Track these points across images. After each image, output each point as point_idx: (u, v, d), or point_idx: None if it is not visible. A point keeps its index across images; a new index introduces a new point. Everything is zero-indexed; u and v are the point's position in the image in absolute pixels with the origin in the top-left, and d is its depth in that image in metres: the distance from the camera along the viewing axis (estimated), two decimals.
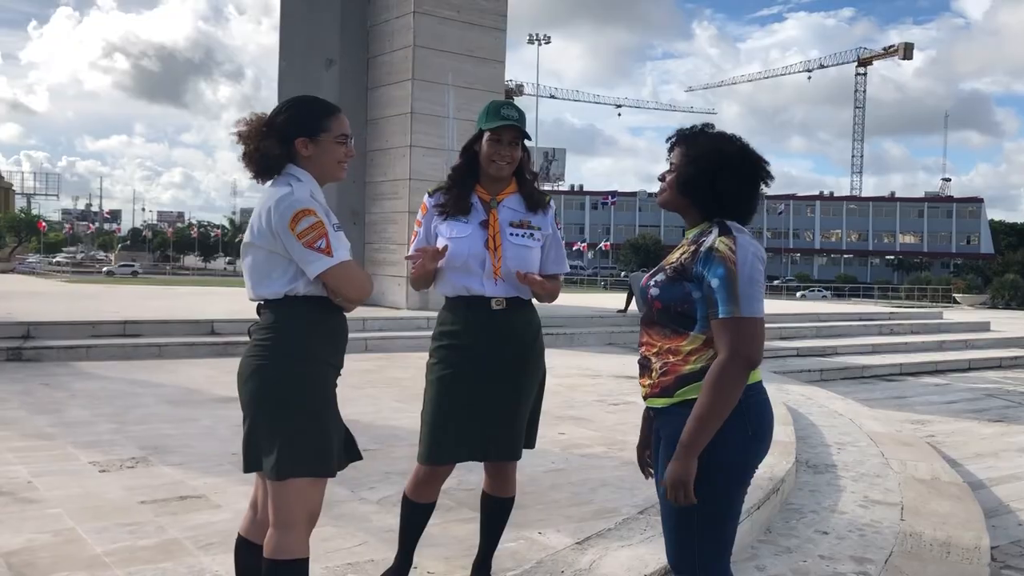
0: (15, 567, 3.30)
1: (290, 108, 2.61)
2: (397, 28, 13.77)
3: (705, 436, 2.32)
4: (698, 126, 2.59)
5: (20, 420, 6.06)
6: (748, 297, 2.32)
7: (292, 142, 2.51)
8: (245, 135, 2.52)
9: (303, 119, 2.55)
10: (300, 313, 2.49)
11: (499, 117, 3.04)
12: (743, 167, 2.51)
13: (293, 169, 2.52)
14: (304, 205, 2.44)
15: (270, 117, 2.59)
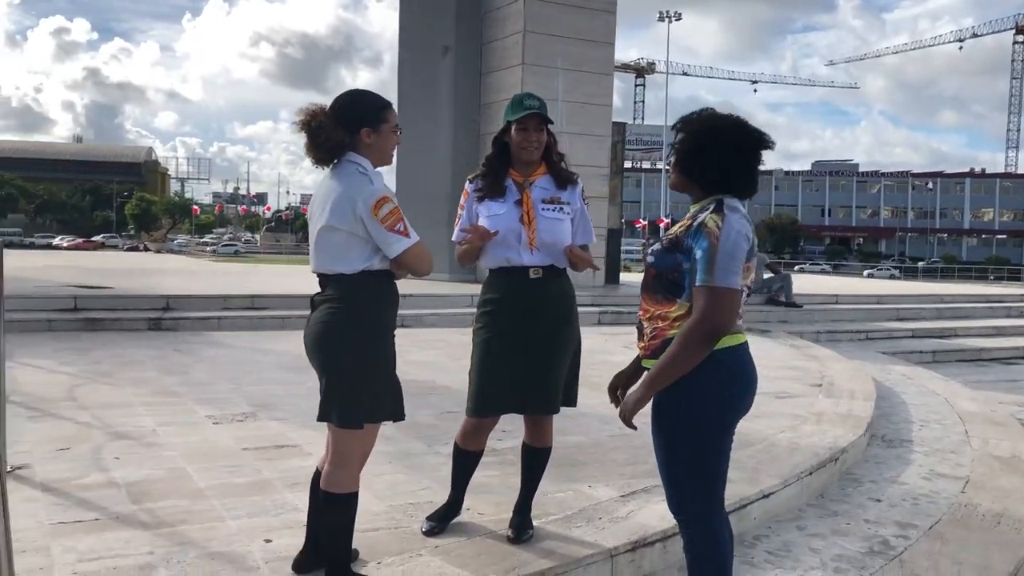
0: (133, 495, 3.93)
1: (355, 101, 3.00)
2: (509, 14, 14.19)
3: (663, 380, 2.62)
4: (698, 111, 2.84)
5: (152, 380, 6.86)
6: (724, 269, 2.58)
7: (358, 132, 2.92)
8: (312, 125, 2.91)
9: (367, 111, 2.94)
10: (370, 284, 2.91)
11: (523, 107, 3.41)
12: (737, 138, 2.76)
13: (355, 157, 2.92)
14: (384, 193, 2.85)
15: (334, 109, 2.98)
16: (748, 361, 2.79)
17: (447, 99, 14.99)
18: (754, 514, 4.31)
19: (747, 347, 2.80)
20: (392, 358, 3.00)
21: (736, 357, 2.74)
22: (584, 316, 10.89)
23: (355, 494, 2.96)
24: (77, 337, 9.13)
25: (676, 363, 2.58)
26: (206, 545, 3.35)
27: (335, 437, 2.90)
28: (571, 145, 14.15)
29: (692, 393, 2.66)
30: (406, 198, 16.65)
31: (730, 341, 2.71)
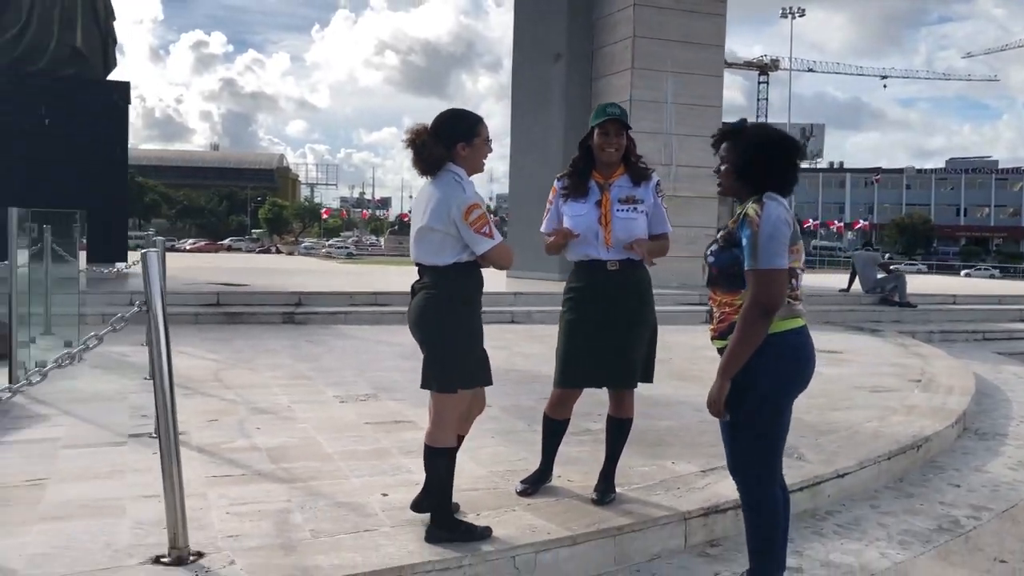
0: (272, 456, 4.59)
1: (451, 119, 3.53)
2: (619, 20, 14.57)
3: (734, 364, 3.01)
4: (736, 123, 3.24)
5: (287, 365, 7.63)
6: (767, 252, 2.96)
7: (454, 146, 3.44)
8: (417, 142, 3.46)
9: (462, 128, 3.47)
10: (460, 274, 3.43)
11: (604, 114, 3.87)
12: (785, 146, 3.16)
13: (452, 167, 3.44)
14: (474, 200, 3.37)
15: (434, 127, 3.51)
16: (803, 343, 3.14)
17: (559, 103, 15.48)
18: (828, 491, 4.61)
19: (804, 330, 3.15)
20: (479, 334, 3.50)
21: (791, 339, 3.09)
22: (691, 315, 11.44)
23: (452, 449, 3.48)
24: (220, 329, 10.09)
25: (741, 346, 2.96)
26: (333, 496, 3.95)
27: (434, 400, 3.43)
28: (680, 147, 14.44)
29: (752, 370, 3.03)
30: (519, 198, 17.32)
31: (785, 325, 3.08)
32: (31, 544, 3.26)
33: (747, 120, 3.24)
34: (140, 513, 3.61)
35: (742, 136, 3.19)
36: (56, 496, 3.86)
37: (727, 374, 3.03)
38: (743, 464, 3.21)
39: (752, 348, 3.00)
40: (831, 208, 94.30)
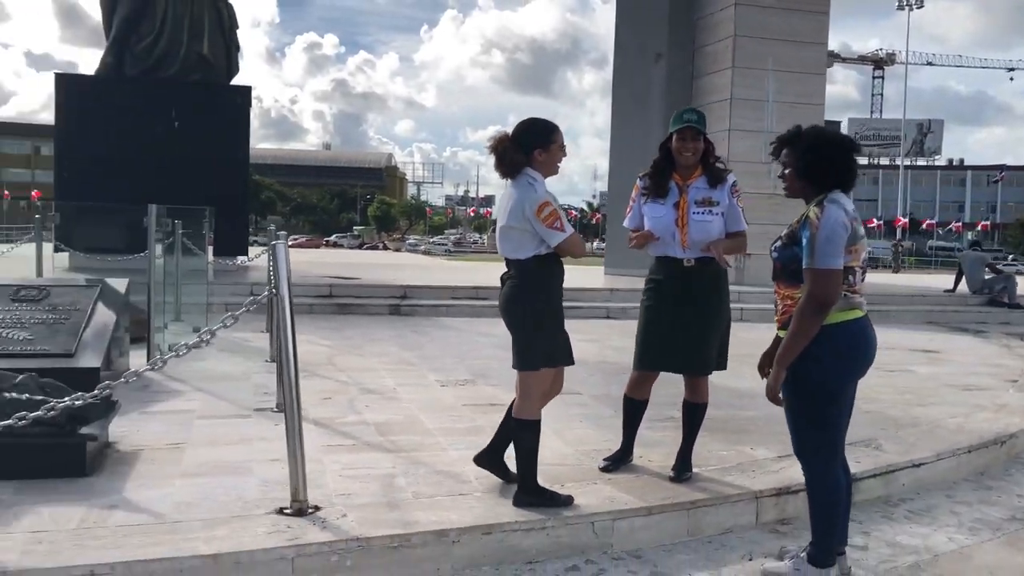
0: (379, 430, 5.06)
1: (529, 128, 3.91)
2: (720, 20, 14.65)
3: (790, 354, 3.28)
4: (792, 129, 3.49)
5: (392, 352, 8.16)
6: (823, 253, 3.21)
7: (532, 152, 3.82)
8: (499, 149, 3.85)
9: (538, 135, 3.85)
10: (541, 265, 3.81)
11: (682, 120, 4.17)
12: (845, 145, 3.41)
13: (529, 171, 3.82)
14: (545, 199, 3.75)
15: (514, 135, 3.90)
16: (860, 333, 3.37)
17: (659, 102, 15.65)
18: (902, 480, 4.78)
19: (861, 321, 3.38)
20: (560, 318, 3.86)
21: (848, 329, 3.33)
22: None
23: (537, 421, 3.85)
24: (332, 318, 10.75)
25: (796, 337, 3.24)
26: (432, 465, 4.38)
27: (520, 377, 3.82)
28: None
29: (809, 359, 3.29)
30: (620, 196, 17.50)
31: (842, 316, 3.33)
32: (175, 495, 3.79)
33: (802, 126, 3.48)
34: (265, 473, 4.12)
35: (800, 140, 3.44)
36: (193, 458, 4.41)
37: (783, 363, 3.30)
38: (805, 447, 3.48)
39: (806, 340, 3.26)
40: (950, 207, 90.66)
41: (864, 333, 3.40)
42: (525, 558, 3.57)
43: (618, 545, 3.76)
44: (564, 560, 3.61)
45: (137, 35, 13.11)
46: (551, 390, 4.00)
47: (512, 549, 3.57)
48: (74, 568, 2.97)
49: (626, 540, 3.78)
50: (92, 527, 3.36)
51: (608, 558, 3.67)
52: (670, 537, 3.89)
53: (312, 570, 3.21)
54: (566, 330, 3.94)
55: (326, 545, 3.28)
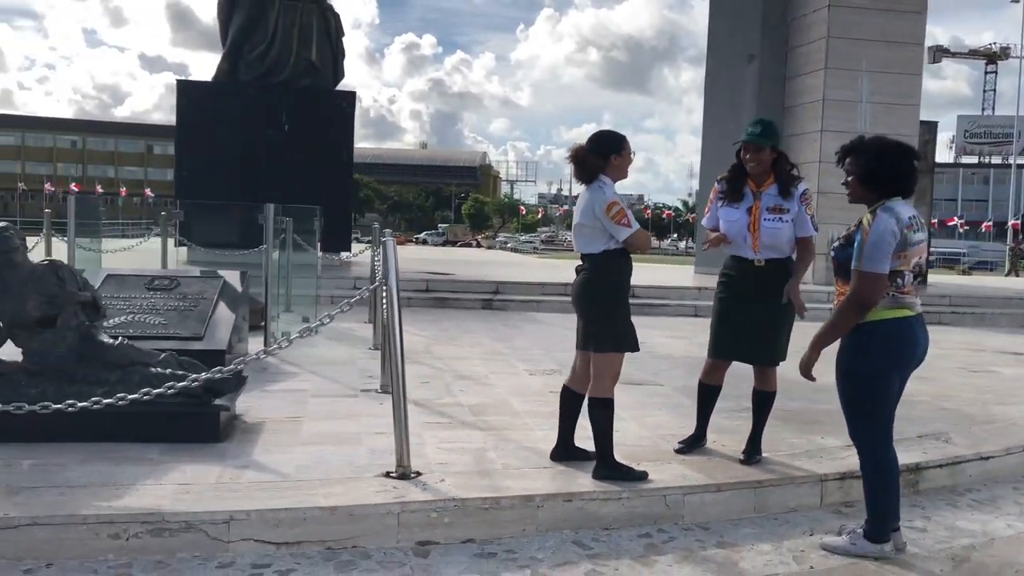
0: (473, 411, 5.54)
1: (606, 137, 4.31)
2: (814, 21, 14.67)
3: (825, 341, 3.61)
4: (855, 139, 3.79)
5: (485, 343, 8.65)
6: (870, 258, 3.51)
7: (608, 157, 4.23)
8: (579, 156, 4.27)
9: (613, 143, 4.26)
10: (610, 259, 4.22)
11: (745, 135, 4.50)
12: (907, 154, 3.70)
13: (602, 177, 4.23)
14: (613, 199, 4.16)
15: (591, 143, 4.30)
16: (908, 330, 3.65)
17: (751, 103, 15.75)
18: (969, 471, 4.99)
19: (910, 320, 3.66)
20: (626, 308, 4.25)
21: (895, 326, 3.63)
22: None
23: (611, 400, 4.24)
24: (429, 311, 11.33)
25: (833, 328, 3.59)
26: (520, 442, 4.82)
27: (594, 359, 4.23)
28: None
29: (858, 351, 3.62)
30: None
31: (890, 314, 3.63)
32: (296, 459, 4.33)
33: (864, 136, 3.78)
34: (373, 444, 4.63)
35: (864, 149, 3.74)
36: (310, 429, 4.96)
37: (817, 347, 3.64)
38: (858, 434, 3.79)
39: (841, 332, 3.61)
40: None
41: (912, 331, 3.68)
42: (602, 524, 3.97)
43: (688, 517, 4.12)
44: (638, 528, 3.99)
45: (250, 43, 13.96)
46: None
47: (590, 516, 3.98)
48: (217, 513, 3.52)
49: (696, 513, 4.15)
50: (228, 482, 3.92)
51: (678, 528, 4.05)
52: (737, 513, 4.23)
53: (414, 524, 3.69)
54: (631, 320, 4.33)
55: (427, 503, 3.75)
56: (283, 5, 13.84)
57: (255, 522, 3.52)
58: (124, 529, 3.43)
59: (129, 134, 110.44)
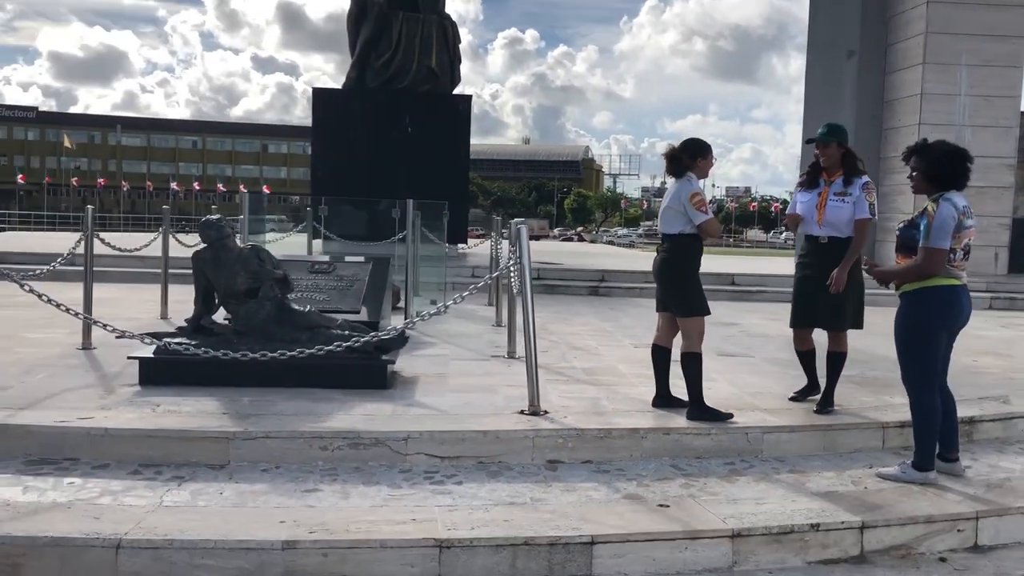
0: (585, 372, 6.57)
1: (695, 143, 5.29)
2: (912, 18, 15.07)
3: (885, 278, 4.54)
4: (920, 142, 4.64)
5: (593, 323, 9.69)
6: (935, 237, 4.37)
7: (695, 158, 5.20)
8: (674, 155, 5.25)
9: (700, 148, 5.25)
10: (685, 240, 5.19)
11: (816, 135, 5.37)
12: (963, 157, 4.54)
13: (689, 173, 5.19)
14: (696, 190, 5.13)
15: (683, 147, 5.29)
16: (955, 296, 4.51)
17: (850, 97, 16.23)
18: (1021, 426, 5.73)
19: (957, 288, 4.51)
20: (698, 280, 5.21)
21: (947, 291, 4.48)
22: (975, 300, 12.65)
23: (699, 355, 5.20)
24: (540, 297, 12.25)
25: (896, 274, 4.53)
26: (627, 394, 5.83)
27: (680, 324, 5.22)
28: (973, 138, 14.70)
29: (916, 307, 4.50)
30: None
31: (944, 281, 4.48)
32: (448, 401, 5.45)
33: (928, 139, 4.64)
34: (507, 393, 5.71)
35: (928, 151, 4.59)
36: (454, 381, 6.09)
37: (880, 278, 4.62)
38: (907, 375, 4.65)
39: (899, 280, 4.51)
40: None
41: (959, 297, 4.53)
42: (694, 454, 4.94)
43: (766, 451, 5.05)
44: (724, 458, 4.94)
45: (376, 52, 15.28)
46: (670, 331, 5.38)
47: (685, 447, 4.95)
48: (398, 432, 4.66)
49: (773, 448, 5.06)
50: (401, 413, 5.06)
51: (758, 460, 4.97)
52: (809, 450, 5.13)
53: (545, 447, 4.75)
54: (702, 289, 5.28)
55: (554, 432, 4.81)
56: (406, 17, 15.12)
57: (426, 440, 4.65)
58: (330, 443, 4.61)
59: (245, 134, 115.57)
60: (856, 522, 4.08)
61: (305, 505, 4.00)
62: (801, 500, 4.33)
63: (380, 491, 4.23)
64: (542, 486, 4.39)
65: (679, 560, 3.83)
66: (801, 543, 3.98)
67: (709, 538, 3.88)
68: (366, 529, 3.72)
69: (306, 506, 3.99)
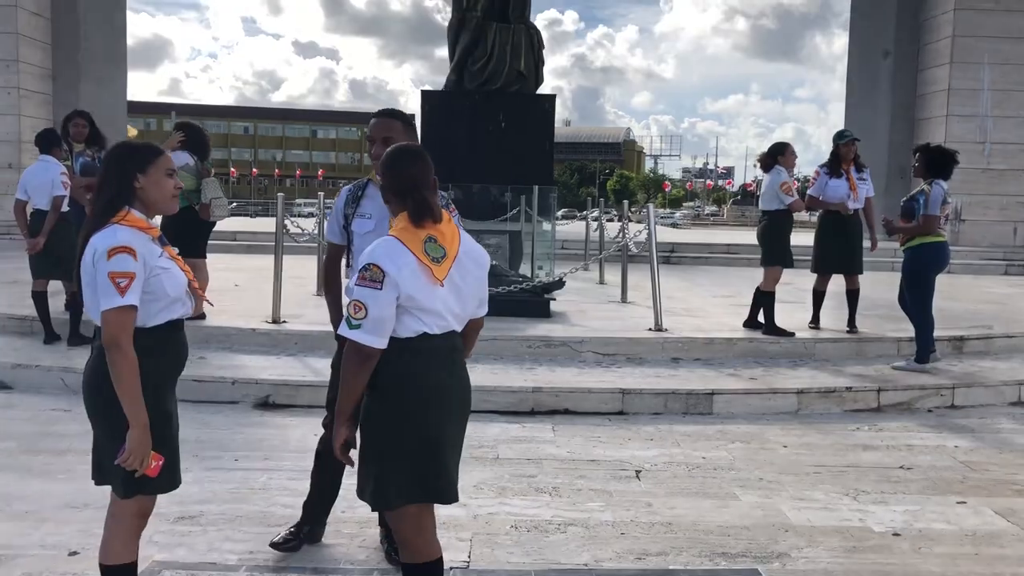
0: (685, 310, 9.04)
1: (779, 145, 7.72)
2: (941, 23, 17.20)
3: (896, 231, 6.93)
4: (923, 144, 7.07)
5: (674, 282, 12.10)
6: (932, 208, 6.79)
7: (776, 157, 7.63)
8: (763, 158, 7.69)
9: (780, 148, 7.67)
10: (777, 215, 7.65)
11: (843, 137, 7.81)
12: (947, 156, 6.96)
13: (777, 166, 7.62)
14: (784, 180, 7.57)
15: (770, 149, 7.73)
16: (942, 248, 6.93)
17: (886, 93, 18.42)
18: (999, 344, 8.10)
19: (944, 242, 6.93)
20: (786, 241, 7.65)
21: (938, 246, 6.90)
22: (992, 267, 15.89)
23: (773, 293, 7.64)
24: None
25: (903, 230, 6.90)
26: (717, 321, 8.30)
27: (765, 269, 7.64)
28: (995, 127, 16.84)
29: (918, 258, 6.91)
30: None
31: (934, 239, 6.90)
32: (596, 324, 7.97)
33: (930, 143, 7.07)
34: (632, 321, 8.23)
35: (927, 151, 7.01)
36: (592, 314, 8.63)
37: (889, 231, 6.99)
38: (914, 301, 7.07)
39: (905, 234, 6.89)
40: None
41: (945, 248, 6.95)
42: (768, 355, 7.41)
43: (817, 355, 7.49)
44: (788, 359, 7.39)
45: (472, 58, 17.66)
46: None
47: (762, 351, 7.43)
48: (576, 338, 7.22)
49: (821, 353, 7.51)
50: (570, 329, 7.60)
51: (812, 360, 7.41)
52: (846, 355, 7.57)
53: (668, 349, 7.26)
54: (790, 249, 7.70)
55: (674, 339, 7.32)
56: (499, 27, 17.56)
57: (594, 343, 7.20)
58: (531, 343, 7.16)
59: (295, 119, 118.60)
60: (875, 387, 6.56)
61: (533, 374, 6.56)
62: (840, 379, 6.80)
63: (571, 370, 6.79)
64: (671, 370, 6.91)
65: (765, 406, 6.32)
66: (839, 399, 6.46)
67: (783, 393, 6.39)
68: (576, 383, 6.28)
69: (533, 375, 6.55)
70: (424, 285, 2.60)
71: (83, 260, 2.70)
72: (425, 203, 2.66)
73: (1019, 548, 3.99)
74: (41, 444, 5.21)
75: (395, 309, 2.57)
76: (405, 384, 2.63)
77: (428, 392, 2.66)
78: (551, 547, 3.88)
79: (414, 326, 2.62)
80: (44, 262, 7.04)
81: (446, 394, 2.71)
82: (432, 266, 2.61)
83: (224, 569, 3.56)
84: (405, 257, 2.58)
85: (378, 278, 2.53)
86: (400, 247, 2.60)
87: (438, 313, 2.66)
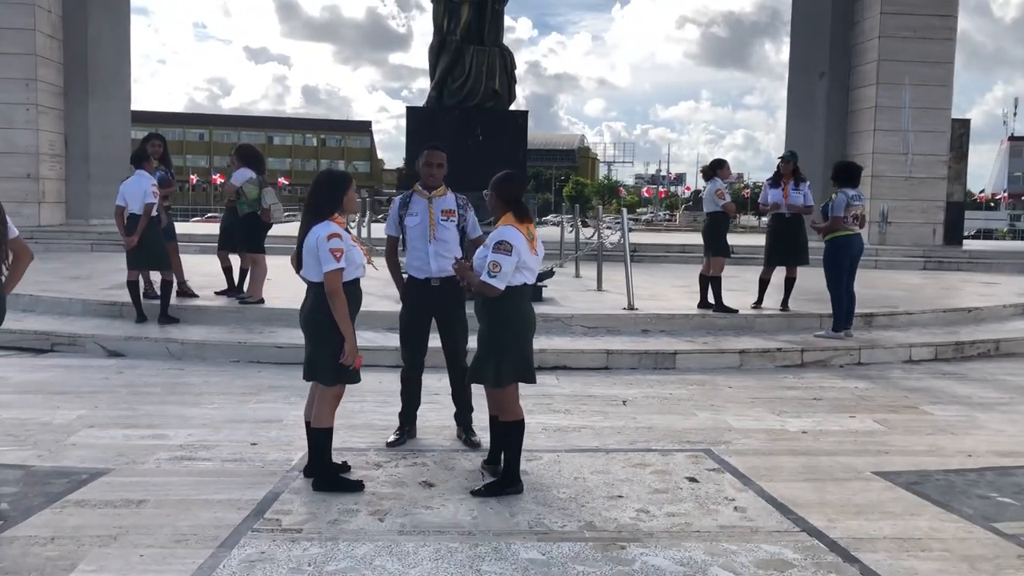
0: (651, 295, 10.97)
1: (716, 162, 9.68)
2: (868, 48, 19.44)
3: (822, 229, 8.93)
4: (837, 162, 9.10)
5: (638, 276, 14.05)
6: (836, 210, 8.79)
7: (715, 171, 9.58)
8: (705, 171, 9.63)
9: (718, 164, 9.63)
10: (715, 216, 9.58)
11: (786, 155, 9.78)
12: (853, 168, 9.00)
13: (714, 178, 9.56)
14: (719, 187, 9.51)
15: (710, 165, 9.68)
16: (853, 240, 8.93)
17: (822, 107, 20.64)
18: (901, 319, 10.13)
19: (852, 236, 8.93)
20: (718, 237, 9.58)
21: (846, 238, 8.91)
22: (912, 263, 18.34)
23: (720, 278, 9.59)
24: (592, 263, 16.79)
25: (823, 229, 8.91)
26: (676, 303, 10.22)
27: (709, 260, 9.59)
28: (915, 141, 19.11)
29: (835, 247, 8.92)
30: None
31: (844, 233, 8.90)
32: (581, 306, 9.83)
33: (844, 160, 9.10)
34: (609, 303, 10.10)
35: (838, 165, 9.03)
36: (575, 298, 10.49)
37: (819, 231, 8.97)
38: (831, 284, 9.06)
39: (823, 231, 8.89)
40: None
41: (852, 240, 8.95)
42: (718, 328, 9.32)
43: (756, 328, 9.44)
44: (733, 330, 9.32)
45: (452, 77, 19.58)
46: None
47: (713, 324, 9.35)
48: (567, 315, 9.07)
49: (760, 326, 9.45)
50: (560, 309, 9.45)
51: (752, 330, 9.35)
52: (778, 327, 9.51)
53: (640, 322, 9.15)
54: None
55: (643, 315, 9.22)
56: (476, 50, 19.49)
57: (581, 318, 9.07)
58: None
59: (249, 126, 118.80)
60: (800, 348, 8.53)
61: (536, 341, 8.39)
62: (773, 343, 8.76)
63: (565, 338, 8.65)
64: (642, 338, 8.81)
65: (715, 362, 8.25)
66: (772, 357, 8.42)
67: (729, 353, 8.35)
68: (571, 347, 8.14)
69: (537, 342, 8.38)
70: (528, 254, 4.43)
71: (307, 241, 4.49)
72: (525, 209, 4.51)
73: (884, 437, 5.93)
74: (179, 390, 6.92)
75: (514, 267, 4.39)
76: (517, 312, 4.47)
77: (527, 316, 4.50)
78: (570, 439, 5.75)
79: (520, 279, 4.46)
80: (137, 256, 8.67)
81: (532, 317, 4.59)
82: (531, 243, 4.45)
83: (359, 452, 5.35)
84: (520, 238, 4.42)
85: (509, 249, 4.36)
86: (518, 233, 4.43)
87: (532, 270, 4.51)
